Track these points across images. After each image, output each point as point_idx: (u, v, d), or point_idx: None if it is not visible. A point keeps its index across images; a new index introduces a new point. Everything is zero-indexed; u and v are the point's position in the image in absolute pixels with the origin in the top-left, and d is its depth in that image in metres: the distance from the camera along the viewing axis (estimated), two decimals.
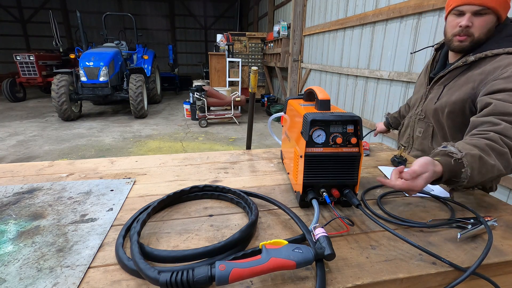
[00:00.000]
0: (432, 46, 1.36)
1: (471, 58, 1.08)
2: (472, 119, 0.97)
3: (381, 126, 1.75)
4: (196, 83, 7.13)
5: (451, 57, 1.23)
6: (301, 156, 0.75)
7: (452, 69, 1.16)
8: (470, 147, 0.80)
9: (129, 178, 0.99)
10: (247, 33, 8.67)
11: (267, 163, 1.15)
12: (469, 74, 1.09)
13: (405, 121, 1.47)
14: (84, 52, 6.42)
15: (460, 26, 1.08)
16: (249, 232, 0.64)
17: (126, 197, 0.86)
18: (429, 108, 1.23)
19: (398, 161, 1.14)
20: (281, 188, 0.93)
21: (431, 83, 1.26)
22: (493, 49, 1.05)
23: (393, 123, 1.68)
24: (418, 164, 0.73)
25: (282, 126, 1.11)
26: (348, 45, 4.26)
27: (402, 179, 0.73)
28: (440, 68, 1.28)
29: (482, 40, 1.09)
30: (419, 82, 1.39)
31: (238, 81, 7.43)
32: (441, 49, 1.30)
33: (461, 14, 1.09)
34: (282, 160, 1.13)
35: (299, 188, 0.79)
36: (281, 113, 1.13)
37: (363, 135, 1.59)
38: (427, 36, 2.72)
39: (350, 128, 0.74)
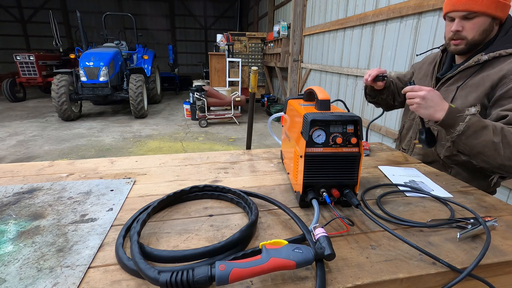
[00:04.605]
0: (438, 48, 1.36)
1: (484, 57, 1.08)
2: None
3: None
4: (196, 83, 7.13)
5: (458, 58, 1.23)
6: (301, 156, 0.75)
7: (463, 69, 1.15)
8: (486, 120, 0.95)
9: (129, 178, 0.99)
10: (247, 33, 8.67)
11: (267, 163, 1.15)
12: (484, 74, 1.08)
13: (405, 123, 1.45)
14: (84, 52, 6.42)
15: (452, 31, 1.12)
16: (249, 232, 0.64)
17: (126, 197, 0.86)
18: None
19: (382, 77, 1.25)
20: (281, 188, 0.93)
21: (438, 84, 1.24)
22: (507, 48, 1.06)
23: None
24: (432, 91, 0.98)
25: (282, 126, 1.11)
26: (348, 45, 4.26)
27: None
28: (447, 69, 1.26)
29: (477, 41, 1.10)
30: (420, 81, 1.35)
31: (238, 81, 7.43)
32: (447, 50, 1.29)
33: (452, 19, 1.12)
34: (282, 160, 1.13)
35: (299, 188, 0.79)
36: (281, 113, 1.13)
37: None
38: (427, 36, 2.72)
39: (350, 128, 0.74)
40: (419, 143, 1.11)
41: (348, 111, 1.04)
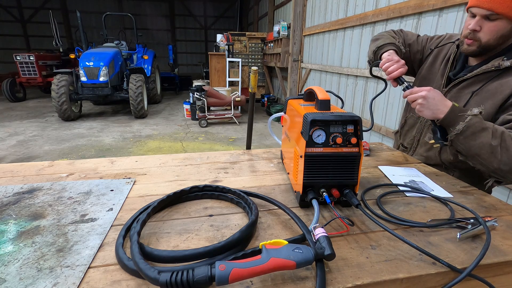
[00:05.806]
0: (453, 42, 1.25)
1: (507, 63, 1.02)
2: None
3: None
4: (196, 83, 7.13)
5: (472, 59, 1.16)
6: (301, 156, 0.75)
7: (479, 73, 1.08)
8: (488, 122, 0.93)
9: (129, 178, 0.99)
10: (247, 33, 8.67)
11: (267, 163, 1.15)
12: (503, 81, 1.03)
13: (408, 119, 1.40)
14: (84, 52, 6.43)
15: (469, 29, 1.05)
16: (249, 232, 0.64)
17: (126, 197, 0.86)
18: None
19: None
20: (281, 188, 0.93)
21: (450, 85, 1.17)
22: None
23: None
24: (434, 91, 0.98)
25: (282, 126, 1.11)
26: (348, 45, 4.26)
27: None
28: (460, 69, 1.19)
29: (492, 45, 1.04)
30: (431, 75, 1.28)
31: (238, 81, 7.43)
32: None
33: (473, 16, 1.05)
34: (282, 160, 1.13)
35: (299, 188, 0.79)
36: (281, 113, 1.13)
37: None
38: None
39: (350, 128, 0.74)
40: (435, 143, 1.04)
41: (341, 99, 1.05)
